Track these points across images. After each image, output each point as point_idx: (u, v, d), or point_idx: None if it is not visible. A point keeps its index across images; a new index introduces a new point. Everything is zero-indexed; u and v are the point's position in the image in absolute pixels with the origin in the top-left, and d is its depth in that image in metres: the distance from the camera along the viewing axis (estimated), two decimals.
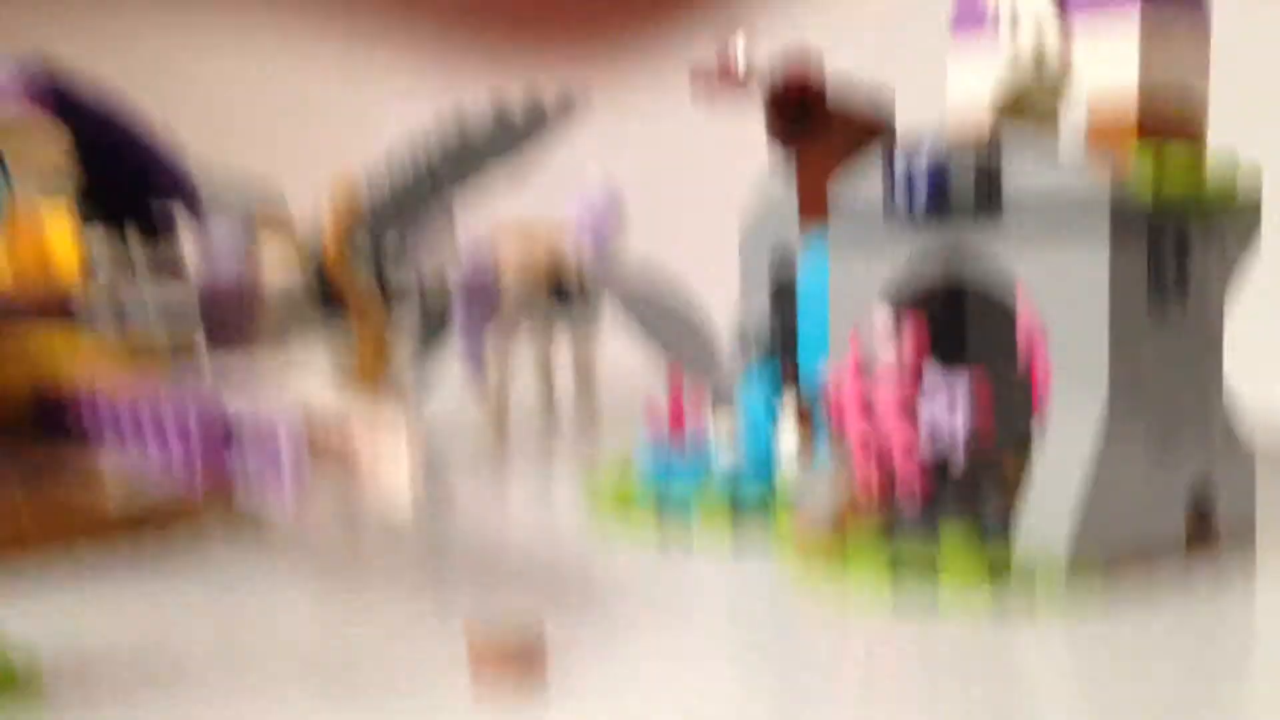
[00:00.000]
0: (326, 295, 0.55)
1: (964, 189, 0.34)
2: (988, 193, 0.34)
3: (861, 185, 0.37)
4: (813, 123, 0.46)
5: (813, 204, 0.46)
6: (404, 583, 0.37)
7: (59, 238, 0.43)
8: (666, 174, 1.13)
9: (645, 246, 0.79)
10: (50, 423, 0.42)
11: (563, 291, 0.72)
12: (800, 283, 0.44)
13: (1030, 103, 0.38)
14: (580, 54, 1.22)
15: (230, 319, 0.55)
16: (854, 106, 0.46)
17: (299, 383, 0.37)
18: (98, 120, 0.44)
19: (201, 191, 0.49)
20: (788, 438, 0.42)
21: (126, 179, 0.47)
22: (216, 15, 1.43)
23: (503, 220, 0.72)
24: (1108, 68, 0.35)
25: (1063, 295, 0.33)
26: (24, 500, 0.41)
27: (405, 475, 0.31)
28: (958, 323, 0.39)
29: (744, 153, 0.52)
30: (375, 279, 0.55)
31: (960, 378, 0.35)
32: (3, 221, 0.37)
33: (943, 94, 0.39)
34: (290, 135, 1.34)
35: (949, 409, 0.35)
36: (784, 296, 0.48)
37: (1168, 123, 0.35)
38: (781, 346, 0.46)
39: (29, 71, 0.41)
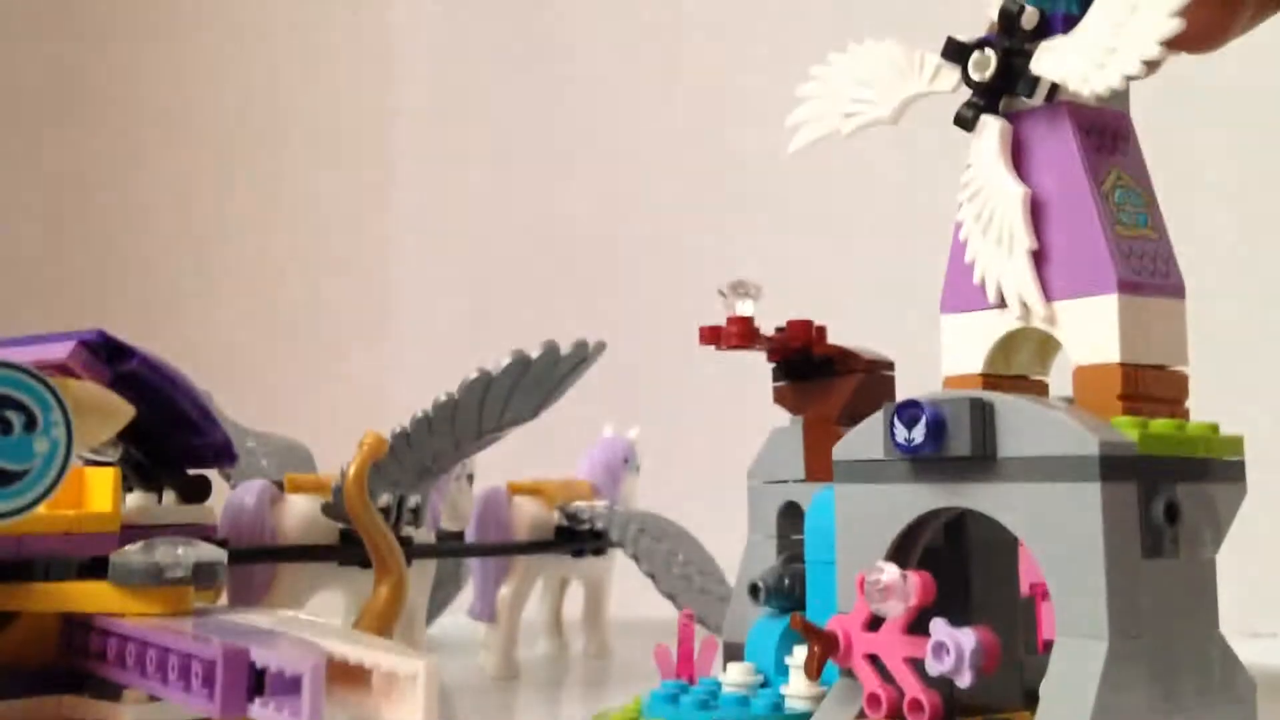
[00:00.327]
0: (348, 544, 0.57)
1: (960, 437, 0.36)
2: (983, 441, 0.36)
3: (863, 441, 0.39)
4: (817, 376, 0.49)
5: (818, 462, 0.48)
6: None
7: (100, 494, 0.45)
8: (678, 425, 1.16)
9: (657, 497, 0.81)
10: (79, 664, 0.43)
11: (575, 542, 0.73)
12: (807, 535, 0.46)
13: (1020, 373, 0.41)
14: (593, 307, 1.27)
15: (255, 575, 0.56)
16: (858, 358, 0.49)
17: (320, 631, 0.38)
18: (150, 391, 0.46)
19: (237, 454, 0.51)
20: (797, 687, 0.43)
21: (169, 446, 0.49)
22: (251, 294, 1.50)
23: (518, 477, 0.75)
24: (1090, 348, 0.38)
25: (1059, 544, 0.35)
26: None
27: (423, 704, 0.32)
28: (962, 576, 0.40)
29: (753, 408, 0.54)
30: (395, 531, 0.57)
31: (967, 632, 0.35)
32: (57, 490, 0.39)
33: (935, 368, 0.41)
34: (319, 398, 1.38)
35: (956, 664, 0.35)
36: (792, 548, 0.50)
37: (1151, 397, 0.37)
38: (790, 598, 0.47)
39: (91, 344, 0.44)
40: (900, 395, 0.44)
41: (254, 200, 1.51)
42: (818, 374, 0.48)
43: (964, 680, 0.35)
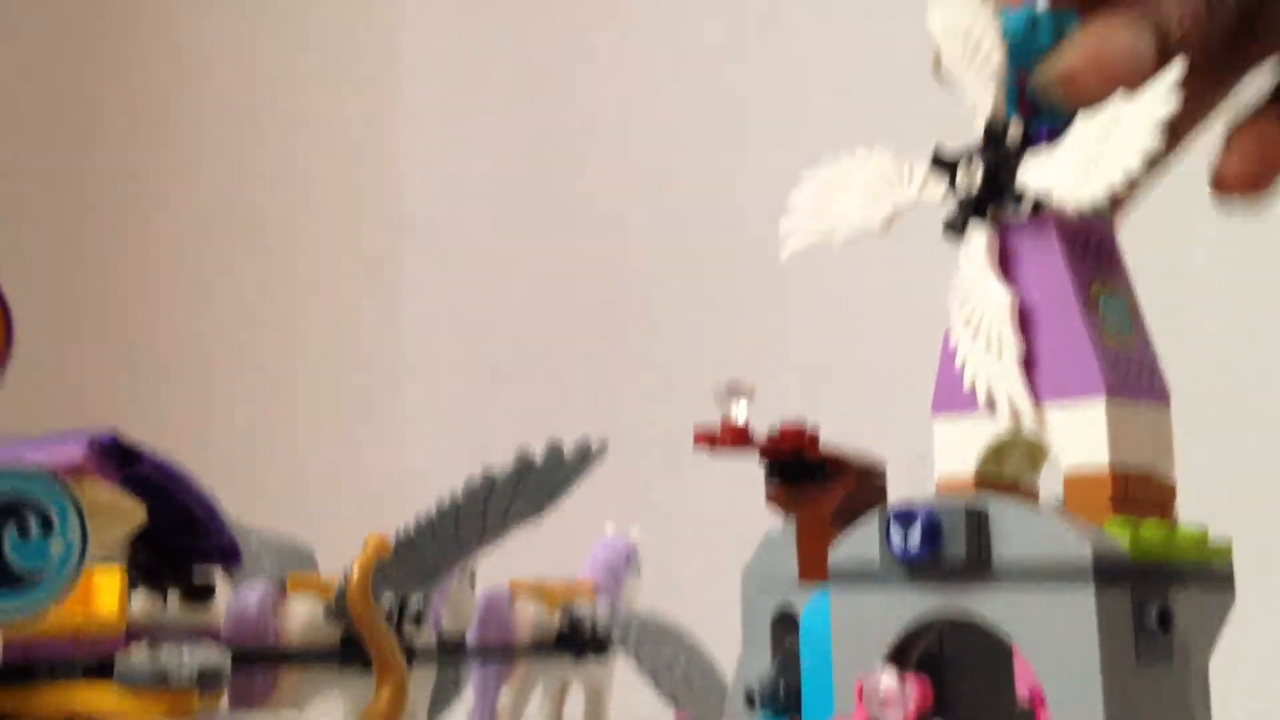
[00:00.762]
0: (349, 648, 0.57)
1: (956, 543, 0.36)
2: (978, 548, 0.36)
3: (858, 546, 0.40)
4: (809, 479, 0.49)
5: (812, 565, 0.48)
6: None
7: (105, 595, 0.45)
8: (676, 529, 1.16)
9: (657, 600, 0.81)
10: None
11: (576, 644, 0.73)
12: (803, 641, 0.46)
13: (1010, 477, 0.42)
14: (592, 408, 1.28)
15: (256, 678, 0.56)
16: (850, 462, 0.49)
17: None
18: (158, 492, 0.47)
19: (241, 554, 0.52)
20: None
21: (176, 547, 0.50)
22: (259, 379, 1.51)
23: (519, 578, 0.75)
24: (1080, 452, 0.38)
25: (1053, 651, 0.35)
26: None
27: None
28: (960, 682, 0.40)
29: (757, 505, 0.55)
30: (397, 633, 0.57)
31: None
32: (70, 593, 0.40)
33: (927, 471, 0.42)
34: (325, 497, 1.39)
35: None
36: (787, 653, 0.50)
37: (1140, 501, 0.38)
38: (786, 704, 0.47)
39: (101, 443, 0.45)
40: (893, 496, 0.45)
41: (254, 293, 1.52)
42: (810, 477, 0.49)
43: None
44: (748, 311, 1.25)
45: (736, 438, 0.48)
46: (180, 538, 0.50)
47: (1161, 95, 0.37)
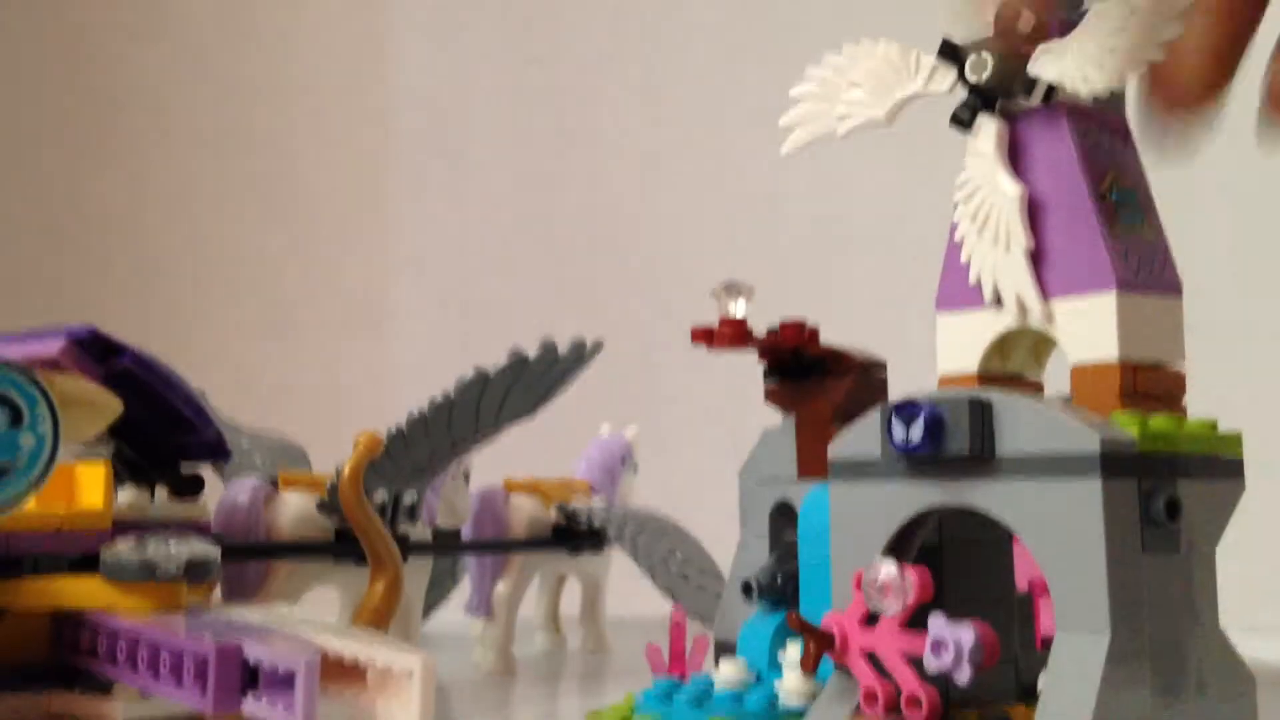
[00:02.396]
0: (343, 542, 0.57)
1: (959, 436, 0.36)
2: (982, 440, 0.36)
3: (859, 440, 0.39)
4: (809, 376, 0.49)
5: (811, 461, 0.48)
6: None
7: (91, 489, 0.45)
8: (675, 423, 1.16)
9: (653, 497, 0.81)
10: (69, 660, 0.43)
11: (572, 539, 0.73)
12: (800, 534, 0.46)
13: (1014, 371, 0.41)
14: (590, 305, 1.27)
15: (249, 572, 0.56)
16: (851, 358, 0.48)
17: (314, 628, 0.38)
18: (142, 388, 0.46)
19: (230, 451, 0.51)
20: (791, 684, 0.43)
21: (162, 443, 0.49)
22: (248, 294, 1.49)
23: (514, 475, 0.74)
24: (1088, 346, 0.38)
25: (1059, 541, 0.35)
26: None
27: (419, 702, 0.32)
28: (958, 572, 0.40)
29: (752, 405, 0.54)
30: (390, 529, 0.57)
31: (966, 628, 0.35)
32: (43, 485, 0.39)
33: (930, 367, 0.41)
34: (315, 397, 1.38)
35: (954, 660, 0.35)
36: (785, 546, 0.49)
37: (1149, 394, 0.37)
38: (783, 596, 0.47)
39: (81, 340, 0.43)
40: (894, 394, 0.44)
41: (250, 197, 1.51)
42: (810, 374, 0.48)
43: (962, 677, 0.35)
44: (744, 211, 1.23)
45: (735, 333, 0.47)
46: (166, 433, 0.49)
47: None
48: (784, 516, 0.48)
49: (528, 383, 0.53)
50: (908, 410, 0.37)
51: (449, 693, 0.65)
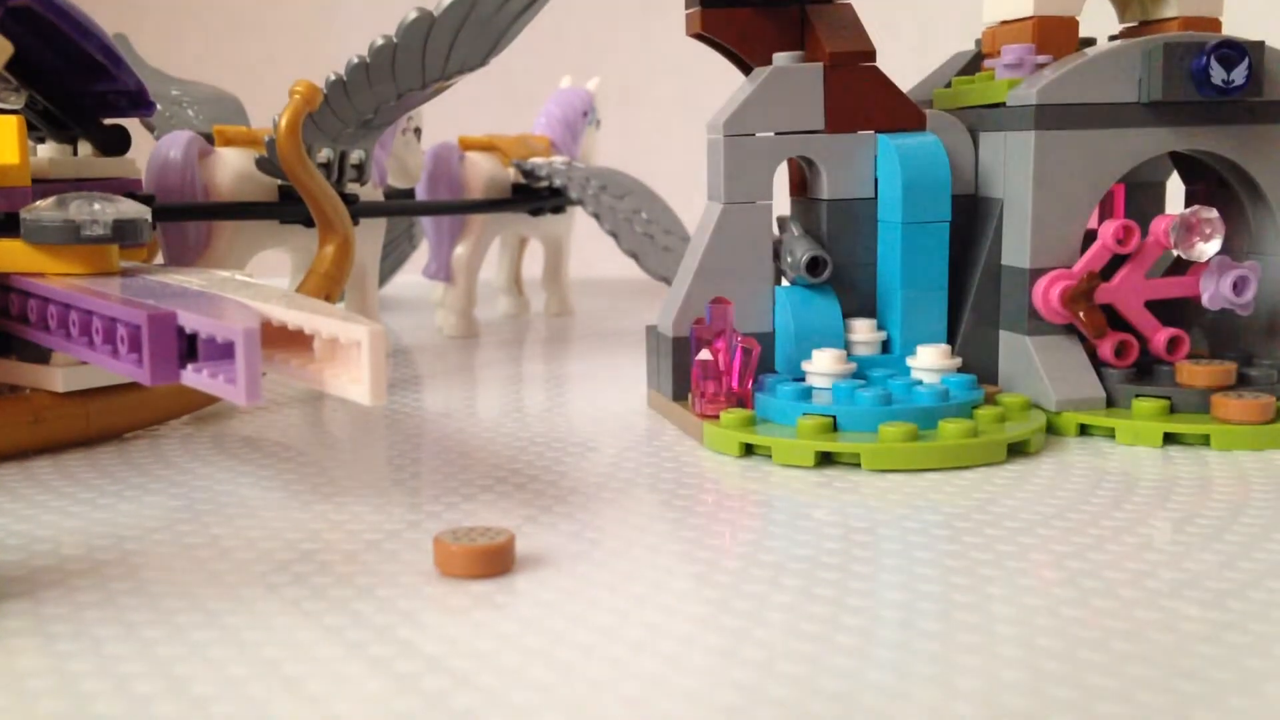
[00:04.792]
0: (289, 203, 0.53)
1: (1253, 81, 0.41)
2: (1259, 86, 0.41)
3: (1089, 83, 0.42)
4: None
5: (847, 109, 0.44)
6: (373, 484, 0.35)
7: (4, 144, 0.41)
8: (640, 75, 1.11)
9: (617, 155, 0.77)
10: (3, 326, 0.41)
11: (533, 198, 0.70)
12: (883, 192, 0.45)
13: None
14: None
15: (189, 233, 0.53)
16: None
17: (258, 294, 0.35)
18: (46, 29, 0.41)
19: (153, 102, 0.47)
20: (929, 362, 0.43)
21: (79, 93, 0.45)
22: None
23: (470, 133, 0.70)
24: None
25: None
26: None
27: (368, 374, 0.30)
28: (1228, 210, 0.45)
29: (712, 65, 0.50)
30: (338, 189, 0.53)
31: (1253, 265, 0.42)
32: None
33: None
34: (253, 45, 1.30)
35: (1235, 290, 0.41)
36: (794, 214, 0.47)
37: None
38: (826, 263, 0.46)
39: None
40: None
41: None
42: None
43: (1249, 309, 0.42)
44: None
45: None
46: (81, 82, 0.45)
47: None
48: (802, 177, 0.45)
49: (477, 25, 0.48)
50: (1227, 52, 0.40)
51: (412, 355, 0.64)
